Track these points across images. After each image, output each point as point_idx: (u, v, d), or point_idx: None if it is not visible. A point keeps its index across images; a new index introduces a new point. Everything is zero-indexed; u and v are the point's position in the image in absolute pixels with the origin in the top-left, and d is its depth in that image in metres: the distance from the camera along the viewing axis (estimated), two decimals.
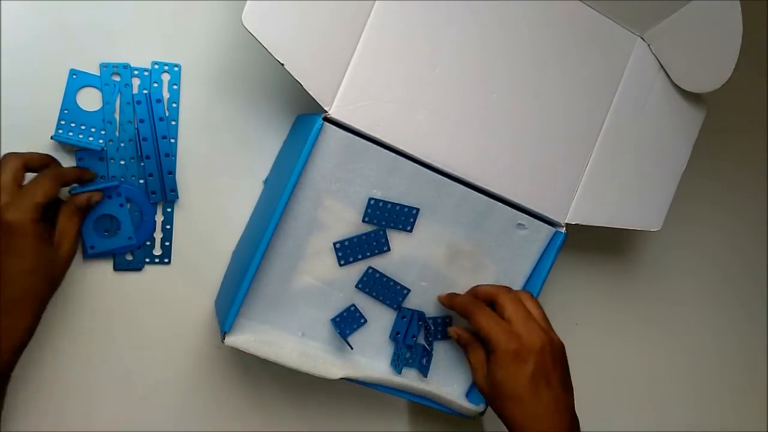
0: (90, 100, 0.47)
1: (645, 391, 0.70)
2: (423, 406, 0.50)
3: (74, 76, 0.46)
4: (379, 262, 0.48)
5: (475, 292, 0.48)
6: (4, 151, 0.45)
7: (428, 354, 0.49)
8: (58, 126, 0.46)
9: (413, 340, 0.49)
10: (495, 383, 0.44)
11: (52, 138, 0.46)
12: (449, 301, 0.48)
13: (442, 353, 0.51)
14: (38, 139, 0.46)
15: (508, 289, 0.47)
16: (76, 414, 0.50)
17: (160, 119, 0.48)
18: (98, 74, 0.47)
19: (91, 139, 0.47)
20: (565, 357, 0.46)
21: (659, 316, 0.69)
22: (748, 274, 0.73)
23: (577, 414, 0.46)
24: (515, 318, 0.45)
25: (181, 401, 0.52)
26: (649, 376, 0.70)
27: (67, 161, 0.47)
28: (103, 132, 0.47)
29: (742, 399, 0.75)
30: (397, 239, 0.48)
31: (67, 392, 0.50)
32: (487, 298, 0.47)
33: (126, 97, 0.47)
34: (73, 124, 0.46)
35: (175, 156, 0.49)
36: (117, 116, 0.47)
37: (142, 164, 0.48)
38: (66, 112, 0.46)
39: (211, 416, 0.53)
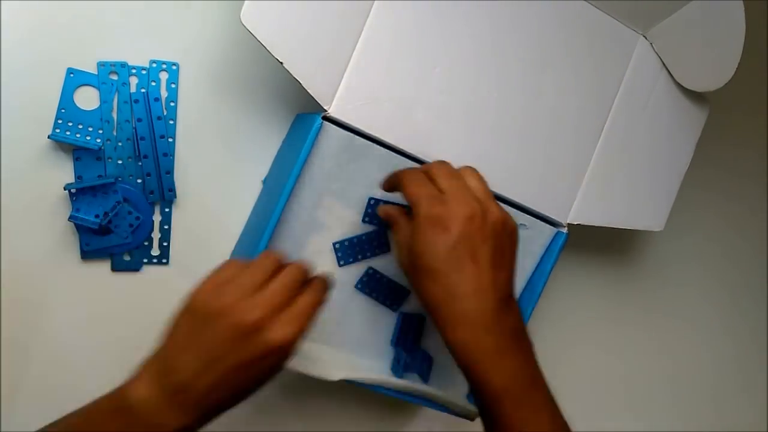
0: (87, 99, 0.47)
1: (646, 390, 0.70)
2: (423, 407, 0.50)
3: (72, 75, 0.46)
4: (379, 263, 0.47)
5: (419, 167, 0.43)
6: (4, 152, 0.45)
7: (429, 358, 0.49)
8: (55, 125, 0.46)
9: (414, 344, 0.49)
10: (412, 255, 0.38)
11: (49, 137, 0.45)
12: (385, 186, 0.43)
13: (442, 354, 0.51)
14: (35, 139, 0.46)
15: (445, 163, 0.41)
16: None
17: (158, 118, 0.48)
18: (95, 73, 0.47)
19: (88, 138, 0.47)
20: (510, 236, 0.40)
21: (661, 316, 0.69)
22: (752, 274, 0.73)
23: (577, 414, 0.45)
24: (448, 186, 0.39)
25: None
26: (651, 375, 0.69)
27: (64, 160, 0.47)
28: (100, 131, 0.47)
29: (743, 398, 0.74)
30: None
31: (67, 393, 0.49)
32: (423, 171, 0.41)
33: (123, 96, 0.47)
34: (70, 123, 0.46)
35: (173, 155, 0.49)
36: (114, 115, 0.47)
37: (140, 164, 0.48)
38: (63, 111, 0.46)
39: None
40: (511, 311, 0.39)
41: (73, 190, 0.46)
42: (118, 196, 0.47)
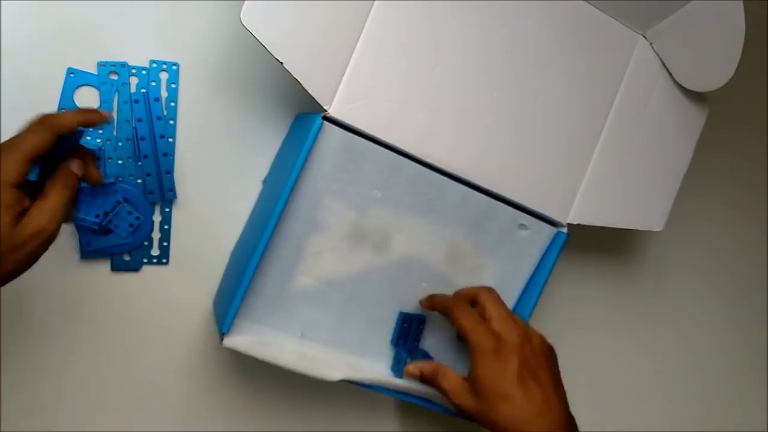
0: (87, 99, 0.47)
1: (647, 390, 0.70)
2: (423, 407, 0.50)
3: (72, 75, 0.46)
4: (379, 262, 0.47)
5: (457, 293, 0.48)
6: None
7: (429, 358, 0.49)
8: None
9: (414, 344, 0.49)
10: (479, 386, 0.42)
11: None
12: (429, 302, 0.47)
13: (442, 354, 0.51)
14: None
15: (490, 289, 0.46)
16: (74, 414, 0.50)
17: (158, 118, 0.48)
18: (96, 73, 0.47)
19: (88, 138, 0.46)
20: (553, 354, 0.45)
21: (661, 315, 0.69)
22: (751, 273, 0.73)
23: (579, 414, 0.45)
24: (495, 316, 0.43)
25: (180, 401, 0.52)
26: (651, 375, 0.69)
27: None
28: (100, 131, 0.47)
29: (745, 398, 0.74)
30: (397, 239, 0.47)
31: (66, 393, 0.49)
32: (468, 298, 0.46)
33: (123, 96, 0.47)
34: None
35: (173, 155, 0.49)
36: (114, 115, 0.47)
37: (140, 163, 0.48)
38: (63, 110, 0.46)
39: (211, 416, 0.53)
40: (572, 423, 0.43)
41: None
42: (118, 197, 0.47)
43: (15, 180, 0.34)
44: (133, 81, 0.48)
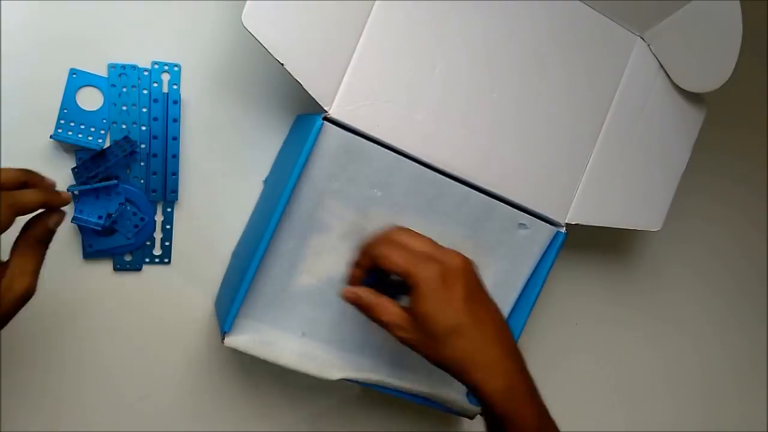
0: (90, 99, 0.47)
1: (646, 390, 0.70)
2: (423, 407, 0.50)
3: (74, 76, 0.46)
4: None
5: (365, 243, 0.42)
6: (4, 151, 0.46)
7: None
8: (58, 125, 0.46)
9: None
10: (425, 322, 0.37)
11: (51, 137, 0.46)
12: (354, 266, 0.42)
13: None
14: (38, 139, 0.46)
15: (399, 227, 0.42)
16: (75, 414, 0.50)
17: (174, 120, 0.48)
18: (98, 73, 0.47)
19: (90, 138, 0.47)
20: (478, 273, 0.41)
21: (659, 314, 0.69)
22: (750, 272, 0.73)
23: (578, 412, 0.45)
24: (424, 246, 0.39)
25: (181, 401, 0.52)
26: (650, 374, 0.70)
27: (67, 161, 0.47)
28: (102, 132, 0.47)
29: (744, 396, 0.75)
30: None
31: (67, 392, 0.50)
32: (389, 239, 0.41)
33: (132, 98, 0.47)
34: (72, 124, 0.46)
35: (178, 156, 0.49)
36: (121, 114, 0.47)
37: (143, 164, 0.48)
38: (65, 111, 0.46)
39: (211, 416, 0.53)
40: (510, 334, 0.40)
41: (76, 192, 0.46)
42: (120, 198, 0.47)
43: None
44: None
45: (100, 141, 0.47)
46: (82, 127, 0.47)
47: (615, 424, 0.68)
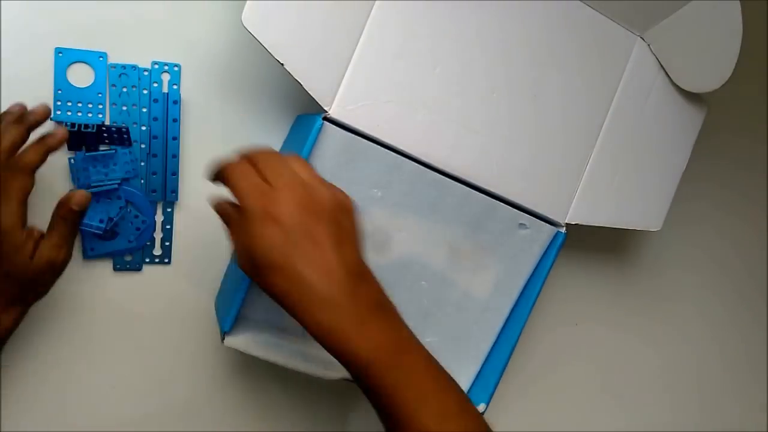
0: (81, 76, 0.47)
1: (645, 390, 0.70)
2: None
3: (60, 54, 0.46)
4: (379, 261, 0.48)
5: (241, 154, 0.39)
6: None
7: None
8: (56, 107, 0.46)
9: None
10: (248, 253, 0.35)
11: (51, 119, 0.46)
12: (211, 169, 0.39)
13: (441, 353, 0.51)
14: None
15: (272, 152, 0.39)
16: (75, 414, 0.50)
17: (174, 120, 0.48)
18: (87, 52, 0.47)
19: (90, 115, 0.47)
20: (342, 210, 0.37)
21: (659, 315, 0.69)
22: (749, 273, 0.73)
23: (576, 412, 0.45)
24: (273, 175, 0.36)
25: (182, 400, 0.52)
26: (649, 375, 0.70)
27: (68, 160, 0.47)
28: (100, 106, 0.47)
29: (743, 398, 0.75)
30: (397, 239, 0.47)
31: (67, 392, 0.50)
32: (250, 160, 0.38)
33: (133, 99, 0.47)
34: (69, 103, 0.46)
35: (178, 157, 0.49)
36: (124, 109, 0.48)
37: (143, 163, 0.48)
38: (60, 92, 0.46)
39: (212, 415, 0.53)
40: (366, 282, 0.37)
41: None
42: (121, 201, 0.47)
43: (18, 223, 0.39)
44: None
45: (100, 116, 0.47)
46: (80, 104, 0.47)
47: (614, 425, 0.68)
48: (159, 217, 0.50)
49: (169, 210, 0.50)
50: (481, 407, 0.50)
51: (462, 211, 0.48)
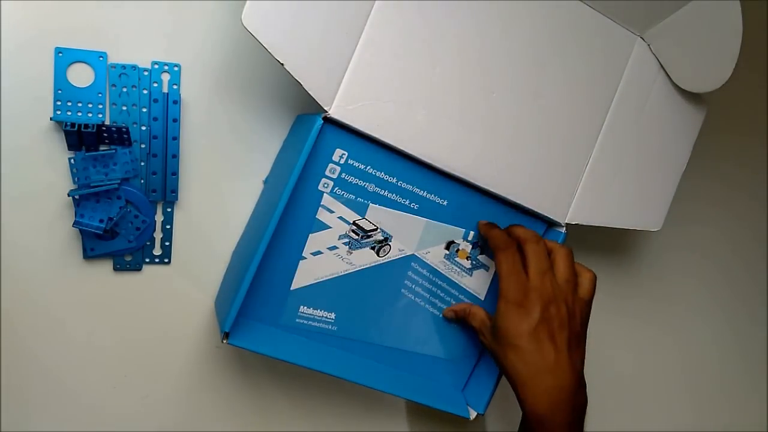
0: (81, 76, 0.47)
1: (644, 390, 0.70)
2: (423, 406, 0.50)
3: (60, 54, 0.46)
4: (378, 260, 0.48)
5: (510, 231, 0.47)
6: (5, 140, 0.45)
7: None
8: (56, 107, 0.46)
9: None
10: (497, 330, 0.44)
11: (51, 119, 0.46)
12: (486, 228, 0.47)
13: (439, 353, 0.51)
14: (39, 122, 0.46)
15: (538, 239, 0.46)
16: (75, 414, 0.50)
17: (174, 120, 0.48)
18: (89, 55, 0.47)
19: (90, 115, 0.47)
20: (583, 315, 0.46)
21: (659, 315, 0.69)
22: (749, 274, 0.73)
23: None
24: (533, 271, 0.44)
25: (181, 401, 0.53)
26: (649, 375, 0.70)
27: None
28: (101, 106, 0.47)
29: (742, 398, 0.75)
30: (396, 239, 0.48)
31: (67, 392, 0.50)
32: (515, 243, 0.46)
33: (133, 98, 0.47)
34: (69, 103, 0.46)
35: (178, 157, 0.49)
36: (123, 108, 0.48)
37: (143, 163, 0.48)
38: (60, 92, 0.46)
39: (211, 416, 0.54)
40: (582, 388, 0.44)
41: (76, 196, 0.46)
42: (121, 201, 0.47)
43: None
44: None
45: (100, 116, 0.47)
46: (80, 104, 0.47)
47: (613, 424, 0.68)
48: (159, 217, 0.50)
49: (169, 210, 0.50)
50: (473, 414, 0.50)
51: (461, 211, 0.48)
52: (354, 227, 0.44)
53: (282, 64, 0.41)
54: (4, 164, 0.46)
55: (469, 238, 0.49)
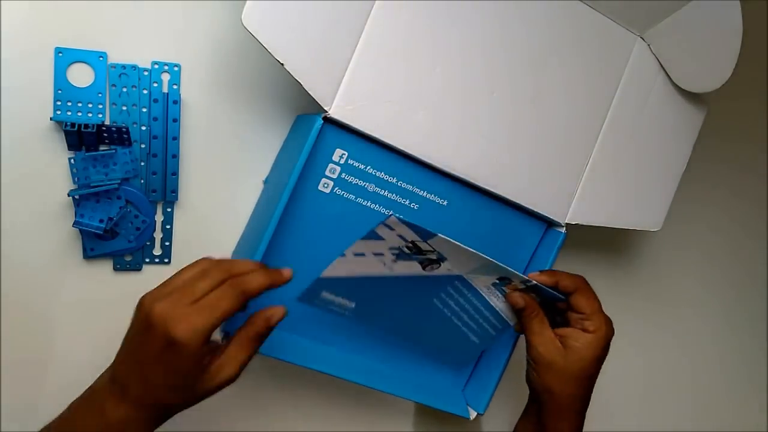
0: (81, 76, 0.47)
1: (645, 391, 0.70)
2: (424, 406, 0.50)
3: (60, 54, 0.46)
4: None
5: (561, 276, 0.47)
6: (5, 140, 0.46)
7: None
8: (56, 107, 0.46)
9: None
10: (580, 361, 0.45)
11: (51, 119, 0.46)
12: (553, 277, 0.46)
13: (437, 353, 0.51)
14: (39, 122, 0.46)
15: (586, 287, 0.47)
16: None
17: (174, 120, 0.48)
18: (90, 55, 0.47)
19: (90, 115, 0.47)
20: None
21: (659, 316, 0.69)
22: (748, 273, 0.73)
23: None
24: (600, 308, 0.46)
25: None
26: (649, 376, 0.70)
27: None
28: (100, 106, 0.47)
29: (742, 399, 0.75)
30: (450, 263, 0.47)
31: (68, 392, 0.50)
32: (574, 284, 0.47)
33: (133, 98, 0.47)
34: (69, 103, 0.46)
35: (178, 157, 0.49)
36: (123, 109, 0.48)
37: (143, 163, 0.48)
38: (60, 92, 0.46)
39: (212, 416, 0.53)
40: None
41: (76, 196, 0.46)
42: (121, 201, 0.47)
43: (206, 338, 0.35)
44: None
45: (100, 116, 0.47)
46: (80, 104, 0.47)
47: (613, 425, 0.68)
48: (159, 217, 0.50)
49: (169, 210, 0.50)
50: (473, 414, 0.50)
51: (461, 209, 0.48)
52: (410, 244, 0.43)
53: (282, 64, 0.41)
54: (4, 164, 0.46)
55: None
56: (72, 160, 0.46)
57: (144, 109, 0.48)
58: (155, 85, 0.48)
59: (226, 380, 0.38)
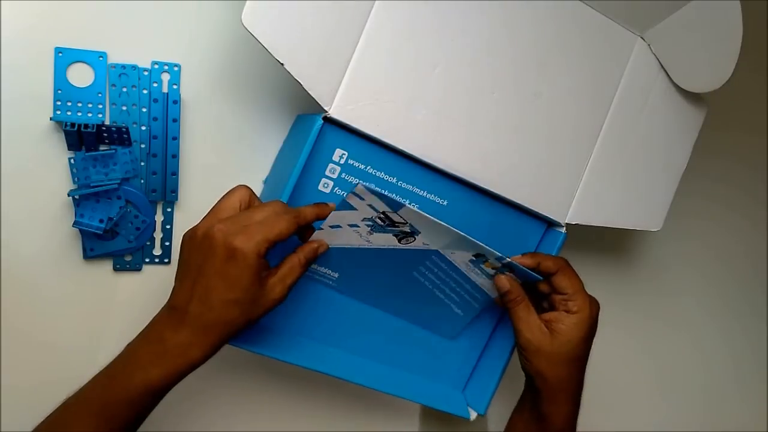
0: (81, 75, 0.47)
1: (646, 390, 0.70)
2: (424, 407, 0.50)
3: (60, 54, 0.46)
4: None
5: (543, 258, 0.47)
6: (5, 140, 0.46)
7: None
8: (56, 107, 0.46)
9: None
10: (567, 344, 0.45)
11: (51, 119, 0.46)
12: (534, 258, 0.46)
13: (436, 353, 0.51)
14: (39, 122, 0.46)
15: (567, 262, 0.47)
16: None
17: (174, 120, 0.48)
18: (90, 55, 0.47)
19: (90, 115, 0.47)
20: None
21: (659, 315, 0.69)
22: (749, 273, 0.73)
23: (580, 413, 0.46)
24: (582, 287, 0.46)
25: (181, 401, 0.52)
26: (650, 375, 0.70)
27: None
28: (100, 106, 0.47)
29: (744, 395, 0.75)
30: (424, 236, 0.47)
31: (68, 392, 0.49)
32: (556, 265, 0.46)
33: (133, 98, 0.47)
34: (69, 103, 0.46)
35: (178, 157, 0.49)
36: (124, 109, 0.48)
37: (143, 163, 0.48)
38: (60, 92, 0.46)
39: (212, 416, 0.53)
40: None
41: (76, 197, 0.46)
42: (121, 201, 0.47)
43: (262, 253, 0.38)
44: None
45: (100, 116, 0.47)
46: (80, 104, 0.47)
47: (616, 424, 0.68)
48: (159, 217, 0.50)
49: (169, 210, 0.50)
50: (473, 415, 0.50)
51: (461, 209, 0.48)
52: (382, 215, 0.43)
53: (282, 64, 0.41)
54: (4, 164, 0.46)
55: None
56: (72, 160, 0.46)
57: (144, 109, 0.48)
58: (155, 85, 0.48)
59: (276, 300, 0.39)
